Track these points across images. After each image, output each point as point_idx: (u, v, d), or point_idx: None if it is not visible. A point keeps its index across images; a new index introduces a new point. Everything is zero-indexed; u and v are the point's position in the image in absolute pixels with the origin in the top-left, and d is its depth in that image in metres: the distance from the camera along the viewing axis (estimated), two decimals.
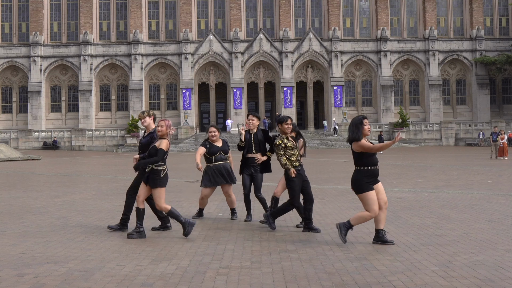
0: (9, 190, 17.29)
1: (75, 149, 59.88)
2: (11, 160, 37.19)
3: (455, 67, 66.90)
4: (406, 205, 12.63)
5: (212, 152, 10.68)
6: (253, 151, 10.52)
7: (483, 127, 62.34)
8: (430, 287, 5.91)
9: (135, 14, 64.86)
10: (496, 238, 8.65)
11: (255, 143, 10.54)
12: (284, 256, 7.48)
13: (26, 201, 14.21)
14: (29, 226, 10.19)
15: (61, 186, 18.65)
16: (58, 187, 18.28)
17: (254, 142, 10.54)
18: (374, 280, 6.19)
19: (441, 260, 7.15)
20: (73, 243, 8.57)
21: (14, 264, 7.09)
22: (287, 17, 65.29)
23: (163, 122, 9.10)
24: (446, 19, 67.22)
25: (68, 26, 66.26)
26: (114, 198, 14.72)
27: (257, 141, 10.53)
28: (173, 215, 8.96)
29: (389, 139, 60.17)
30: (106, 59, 65.00)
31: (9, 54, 65.12)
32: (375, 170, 8.20)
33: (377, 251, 7.77)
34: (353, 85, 66.29)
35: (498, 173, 22.34)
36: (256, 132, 10.60)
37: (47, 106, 65.53)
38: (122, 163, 34.65)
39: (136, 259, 7.35)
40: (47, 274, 6.54)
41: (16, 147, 58.76)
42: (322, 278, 6.29)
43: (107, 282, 6.21)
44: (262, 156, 10.54)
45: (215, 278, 6.35)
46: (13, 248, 8.14)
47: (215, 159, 10.68)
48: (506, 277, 6.28)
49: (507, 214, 11.13)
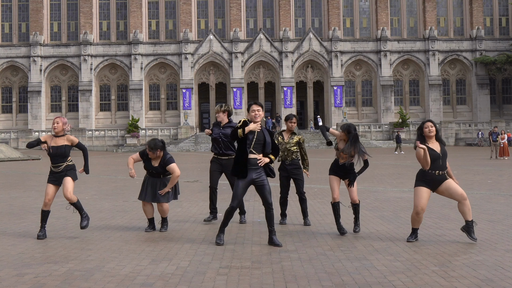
0: (9, 190, 17.29)
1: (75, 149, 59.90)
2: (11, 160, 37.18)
3: (455, 67, 66.90)
4: (406, 205, 12.62)
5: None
6: (252, 150, 8.40)
7: (483, 127, 62.35)
8: (430, 287, 5.91)
9: (135, 14, 64.86)
10: (496, 238, 8.65)
11: (257, 141, 8.39)
12: (284, 256, 7.48)
13: (26, 201, 14.21)
14: (29, 226, 10.19)
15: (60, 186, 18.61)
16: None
17: (256, 139, 8.38)
18: (374, 280, 6.19)
19: (441, 260, 7.15)
20: (73, 243, 8.57)
21: (14, 264, 7.09)
22: (287, 17, 65.29)
23: (58, 119, 9.26)
24: (446, 19, 67.22)
25: (68, 26, 66.26)
26: (114, 198, 14.72)
27: (260, 139, 8.39)
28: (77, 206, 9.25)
29: (389, 139, 60.21)
30: (106, 59, 65.00)
31: (9, 54, 65.12)
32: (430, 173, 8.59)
33: (377, 251, 7.78)
34: (353, 85, 66.28)
35: (498, 173, 22.34)
36: (261, 130, 8.48)
37: (47, 106, 65.54)
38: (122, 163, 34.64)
39: (136, 259, 7.35)
40: (47, 274, 6.54)
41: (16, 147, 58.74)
42: (322, 278, 6.29)
43: (107, 282, 6.21)
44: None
45: (215, 278, 6.35)
46: (13, 248, 8.14)
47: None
48: (506, 277, 6.28)
49: (507, 214, 11.13)
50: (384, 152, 44.76)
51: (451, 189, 8.45)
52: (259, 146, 8.33)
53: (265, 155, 8.43)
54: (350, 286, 5.96)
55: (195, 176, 21.25)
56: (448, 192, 8.47)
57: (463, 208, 8.45)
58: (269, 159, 8.43)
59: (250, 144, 8.28)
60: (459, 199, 8.45)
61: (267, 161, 8.39)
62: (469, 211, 8.43)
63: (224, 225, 8.42)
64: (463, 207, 8.45)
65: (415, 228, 8.55)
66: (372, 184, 17.77)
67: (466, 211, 8.42)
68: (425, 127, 8.52)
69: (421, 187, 8.48)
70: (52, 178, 9.18)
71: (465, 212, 8.44)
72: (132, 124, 60.60)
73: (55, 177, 9.17)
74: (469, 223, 8.43)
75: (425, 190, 8.44)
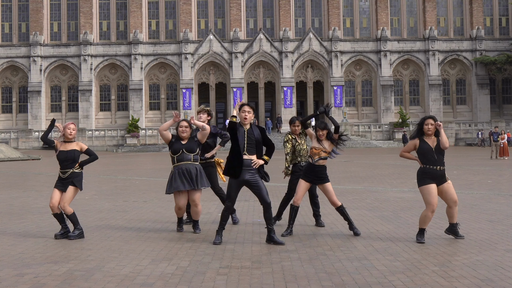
0: (9, 190, 17.29)
1: None
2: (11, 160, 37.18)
3: (455, 67, 66.89)
4: (407, 205, 12.63)
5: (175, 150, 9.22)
6: (245, 151, 8.33)
7: (483, 127, 62.39)
8: (430, 287, 5.91)
9: (135, 14, 64.86)
10: (496, 238, 8.65)
11: (249, 141, 8.34)
12: (284, 256, 7.48)
13: (26, 201, 14.21)
14: (29, 226, 10.19)
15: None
16: None
17: (248, 139, 8.33)
18: (374, 280, 6.19)
19: (441, 260, 7.15)
20: (73, 243, 8.57)
21: (14, 264, 7.09)
22: (287, 17, 65.29)
23: (72, 125, 9.28)
24: (446, 19, 67.22)
25: (68, 26, 66.27)
26: (114, 198, 14.72)
27: (252, 139, 8.34)
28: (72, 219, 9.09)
29: (389, 139, 60.24)
30: (106, 59, 65.00)
31: (9, 54, 65.13)
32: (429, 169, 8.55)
33: (377, 251, 7.78)
34: (353, 85, 66.28)
35: (499, 173, 22.34)
36: (250, 127, 8.44)
37: (47, 106, 65.54)
38: (122, 163, 34.65)
39: (136, 259, 7.35)
40: (47, 274, 6.54)
41: (16, 147, 58.76)
42: (322, 278, 6.29)
43: (107, 282, 6.21)
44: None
45: (215, 278, 6.35)
46: (13, 248, 8.14)
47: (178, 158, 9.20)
48: (506, 277, 6.28)
49: (507, 214, 11.13)
50: (384, 152, 44.75)
51: (449, 193, 8.50)
52: (252, 146, 8.29)
53: (259, 157, 8.37)
54: (350, 286, 5.96)
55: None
56: (445, 195, 8.50)
57: (452, 212, 8.62)
58: (263, 161, 8.38)
59: (243, 145, 8.23)
60: (452, 204, 8.56)
61: (261, 163, 8.34)
62: (456, 215, 8.68)
63: (222, 226, 8.47)
64: (452, 211, 8.62)
65: (424, 228, 8.55)
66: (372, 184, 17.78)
67: (454, 214, 8.64)
68: (425, 124, 8.51)
69: (428, 184, 8.39)
70: (59, 184, 9.17)
71: (453, 216, 8.65)
72: (132, 124, 60.60)
73: (62, 183, 9.15)
74: (453, 225, 8.70)
75: (433, 186, 8.40)
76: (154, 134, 61.49)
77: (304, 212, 11.30)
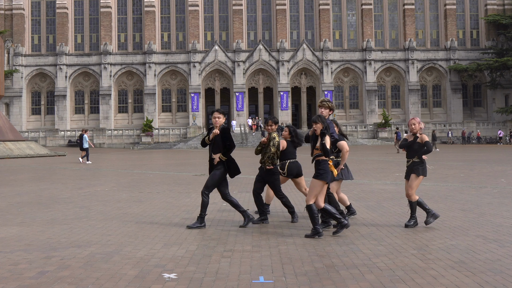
0: (38, 183, 17.28)
1: (96, 146, 59.88)
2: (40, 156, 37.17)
3: (432, 74, 66.87)
4: (389, 196, 12.61)
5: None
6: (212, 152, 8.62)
7: (456, 127, 62.51)
8: (409, 268, 5.90)
9: (149, 28, 64.79)
10: (468, 225, 8.64)
11: (215, 144, 8.60)
12: (280, 241, 7.47)
13: (53, 192, 14.20)
14: (56, 214, 10.18)
15: (84, 179, 18.63)
16: (81, 180, 18.27)
17: (215, 142, 8.60)
18: (360, 262, 6.18)
19: (419, 244, 7.14)
20: (95, 229, 8.56)
21: (43, 248, 7.09)
22: (283, 30, 65.23)
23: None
24: (424, 31, 67.17)
25: (90, 38, 66.22)
26: (131, 190, 14.71)
27: (218, 142, 8.57)
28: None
29: (373, 138, 60.10)
30: (123, 67, 64.96)
31: (38, 63, 65.14)
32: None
33: (363, 236, 7.77)
34: (341, 90, 66.25)
35: (470, 168, 22.32)
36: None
37: (71, 108, 65.53)
38: (138, 159, 34.63)
39: (150, 244, 7.34)
40: (71, 257, 6.54)
41: (44, 145, 58.75)
42: (314, 260, 6.29)
43: (125, 263, 6.20)
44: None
45: (220, 260, 6.35)
46: (42, 234, 8.14)
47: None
48: (477, 259, 6.27)
49: (477, 204, 11.12)
50: (369, 149, 44.73)
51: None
52: (217, 147, 8.57)
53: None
54: (339, 267, 5.95)
55: (202, 170, 21.24)
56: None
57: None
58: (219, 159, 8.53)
59: (211, 147, 8.61)
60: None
61: (217, 159, 8.52)
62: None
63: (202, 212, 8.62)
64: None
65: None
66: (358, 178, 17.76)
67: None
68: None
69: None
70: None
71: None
72: (147, 125, 60.59)
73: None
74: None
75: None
76: (166, 133, 61.45)
77: (298, 202, 11.29)
